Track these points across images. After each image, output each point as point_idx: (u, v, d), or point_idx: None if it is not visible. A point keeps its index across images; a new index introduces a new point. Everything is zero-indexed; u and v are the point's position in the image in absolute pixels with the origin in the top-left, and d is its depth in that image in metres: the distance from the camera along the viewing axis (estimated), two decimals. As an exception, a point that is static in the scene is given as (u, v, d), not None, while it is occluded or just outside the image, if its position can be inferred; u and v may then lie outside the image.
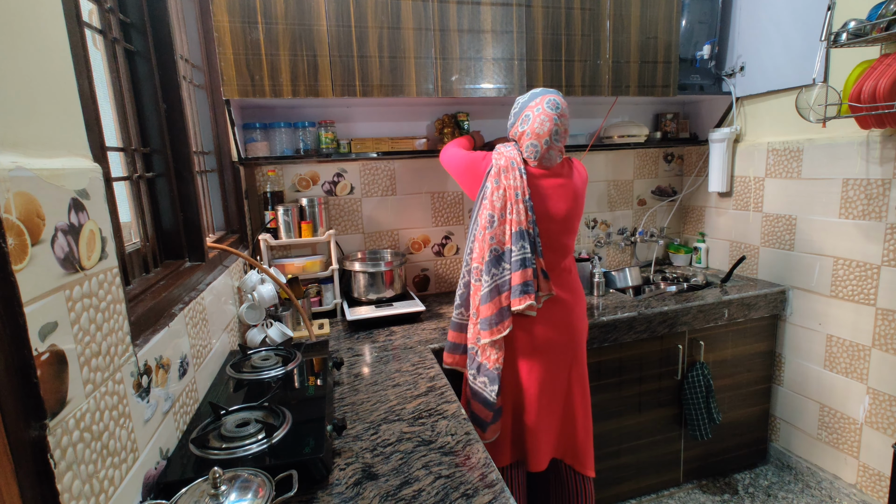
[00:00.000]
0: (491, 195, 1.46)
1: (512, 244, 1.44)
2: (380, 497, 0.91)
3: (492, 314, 1.45)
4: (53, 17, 0.70)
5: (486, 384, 1.49)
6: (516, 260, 1.43)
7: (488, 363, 1.48)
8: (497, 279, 1.45)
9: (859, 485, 1.95)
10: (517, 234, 1.43)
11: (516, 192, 1.44)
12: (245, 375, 1.28)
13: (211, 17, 1.64)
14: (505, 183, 1.45)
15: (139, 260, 1.10)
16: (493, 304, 1.45)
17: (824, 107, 1.74)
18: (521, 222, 1.43)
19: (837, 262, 1.94)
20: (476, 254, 1.50)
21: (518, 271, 1.43)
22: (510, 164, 1.46)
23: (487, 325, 1.45)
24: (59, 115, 0.69)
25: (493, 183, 1.47)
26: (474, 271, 1.50)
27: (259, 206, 2.03)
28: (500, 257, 1.46)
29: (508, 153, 1.50)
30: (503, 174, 1.46)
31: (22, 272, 0.55)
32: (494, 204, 1.45)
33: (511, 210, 1.44)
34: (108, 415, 0.72)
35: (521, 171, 1.46)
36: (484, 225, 1.47)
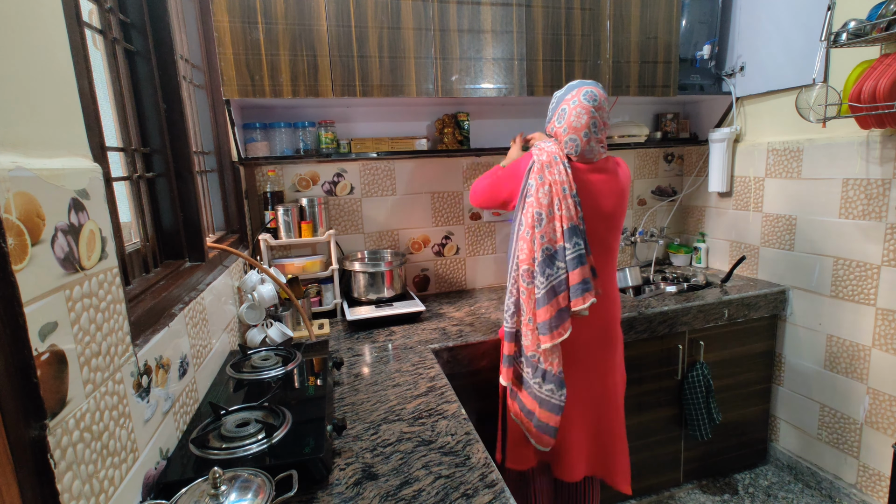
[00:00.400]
0: (536, 192, 1.37)
1: (565, 241, 1.36)
2: (380, 497, 0.91)
3: (550, 317, 1.36)
4: (53, 17, 0.70)
5: (553, 391, 1.40)
6: (572, 258, 1.35)
7: (552, 368, 1.40)
8: (552, 280, 1.36)
9: (859, 485, 1.95)
10: (569, 230, 1.35)
11: (563, 186, 1.36)
12: (245, 375, 1.28)
13: (211, 17, 1.64)
14: (550, 178, 1.37)
15: (139, 260, 1.10)
16: (551, 306, 1.36)
17: (824, 107, 1.74)
18: (571, 218, 1.35)
19: (837, 262, 1.94)
20: (525, 255, 1.40)
21: (576, 269, 1.35)
22: (553, 159, 1.39)
23: (548, 328, 1.36)
24: (59, 115, 0.69)
25: (536, 179, 1.38)
26: (524, 274, 1.39)
27: (259, 206, 2.03)
28: (553, 256, 1.37)
29: (549, 148, 1.42)
30: (546, 169, 1.38)
31: (22, 272, 0.55)
32: (541, 201, 1.36)
33: (559, 206, 1.36)
34: (108, 415, 0.72)
35: (564, 164, 1.38)
36: (531, 223, 1.38)
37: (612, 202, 1.45)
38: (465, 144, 2.19)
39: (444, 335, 1.76)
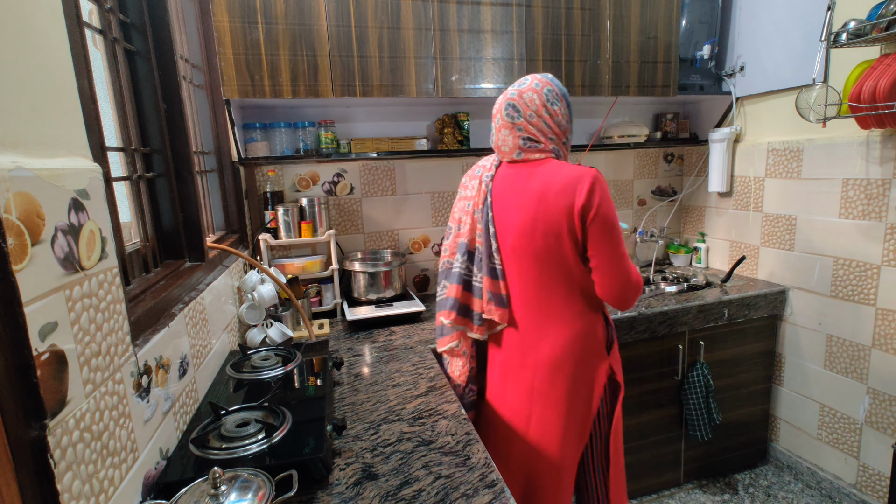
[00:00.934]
0: (455, 205, 1.42)
1: (456, 256, 1.36)
2: (380, 497, 0.91)
3: (437, 325, 1.43)
4: (53, 17, 0.70)
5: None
6: (454, 271, 1.35)
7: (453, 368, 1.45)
8: (442, 290, 1.41)
9: (859, 485, 1.95)
10: (461, 245, 1.35)
11: (468, 202, 1.35)
12: (245, 375, 1.28)
13: (211, 17, 1.64)
14: (466, 192, 1.37)
15: (139, 260, 1.10)
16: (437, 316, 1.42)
17: (824, 107, 1.74)
18: (464, 234, 1.34)
19: (837, 262, 1.94)
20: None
21: (451, 285, 1.35)
22: (474, 172, 1.37)
23: (439, 332, 1.43)
24: (59, 115, 0.69)
25: (461, 189, 1.41)
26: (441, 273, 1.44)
27: (259, 206, 2.03)
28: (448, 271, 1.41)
29: (487, 160, 1.38)
30: (468, 180, 1.39)
31: (22, 272, 0.55)
32: (454, 214, 1.41)
33: (466, 221, 1.34)
34: (108, 415, 0.72)
35: (486, 177, 1.30)
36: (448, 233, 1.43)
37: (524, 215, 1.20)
38: (465, 144, 2.19)
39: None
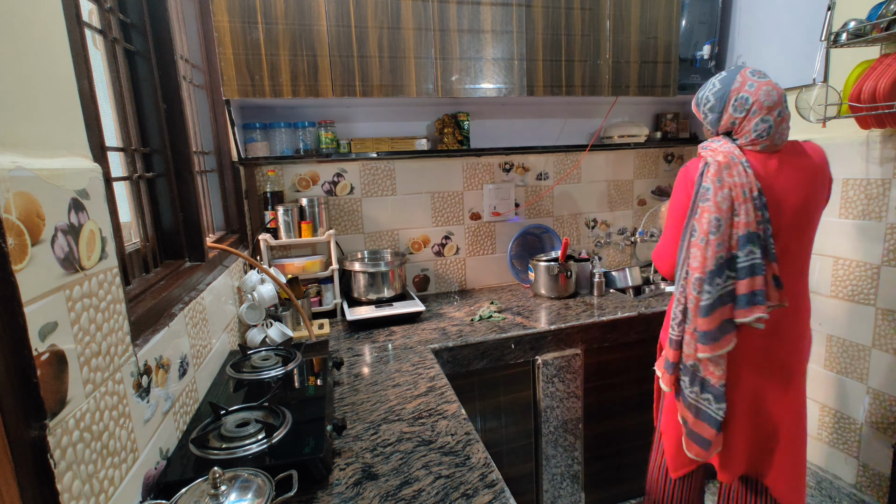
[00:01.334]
0: (714, 196, 1.26)
1: (738, 249, 1.26)
2: (380, 497, 0.91)
3: (713, 328, 1.28)
4: (53, 17, 0.70)
5: (710, 402, 1.32)
6: (743, 267, 1.25)
7: (712, 378, 1.31)
8: (721, 290, 1.27)
9: (859, 485, 1.95)
10: (744, 237, 1.25)
11: (744, 189, 1.25)
12: (245, 375, 1.28)
13: (211, 17, 1.64)
14: (729, 181, 1.26)
15: (139, 260, 1.10)
16: (715, 316, 1.28)
17: (824, 107, 1.74)
18: (749, 224, 1.25)
19: (837, 262, 1.94)
20: (698, 263, 1.29)
21: (745, 279, 1.25)
22: (730, 160, 1.27)
23: (707, 339, 1.28)
24: (59, 115, 0.69)
25: (714, 182, 1.26)
26: (696, 283, 1.29)
27: (259, 206, 2.03)
28: (723, 265, 1.27)
29: (724, 148, 1.30)
30: (725, 171, 1.26)
31: (22, 272, 0.55)
32: (720, 206, 1.25)
33: (738, 210, 1.25)
34: (108, 415, 0.72)
35: (744, 164, 1.27)
36: (707, 230, 1.26)
37: (803, 193, 1.31)
38: (465, 144, 2.19)
39: (444, 335, 1.76)
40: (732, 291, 1.28)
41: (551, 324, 1.83)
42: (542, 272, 2.17)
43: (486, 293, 2.33)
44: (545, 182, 2.46)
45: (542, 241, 2.50)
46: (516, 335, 1.75)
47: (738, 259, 1.26)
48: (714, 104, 1.35)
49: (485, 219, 2.39)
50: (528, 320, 1.88)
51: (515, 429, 1.82)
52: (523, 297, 2.21)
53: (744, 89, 1.29)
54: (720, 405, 1.31)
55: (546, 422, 1.83)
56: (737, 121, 1.32)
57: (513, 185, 2.40)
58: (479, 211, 2.38)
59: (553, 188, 2.47)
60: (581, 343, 1.85)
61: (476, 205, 2.37)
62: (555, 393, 1.82)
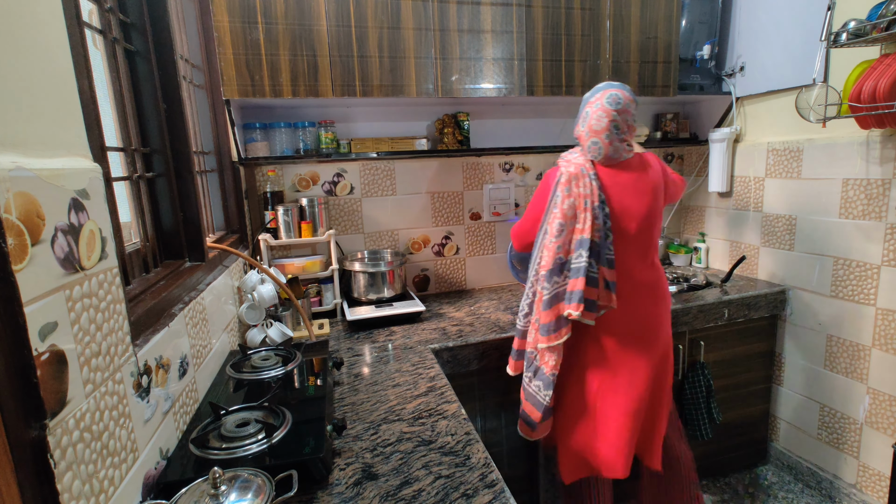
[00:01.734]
0: (562, 203, 1.43)
1: (575, 251, 1.43)
2: (380, 497, 0.91)
3: (550, 321, 1.44)
4: (53, 17, 0.70)
5: (539, 388, 1.48)
6: (574, 268, 1.42)
7: (546, 368, 1.47)
8: (557, 287, 1.44)
9: (859, 485, 1.95)
10: (578, 242, 1.42)
11: (585, 200, 1.42)
12: (245, 375, 1.28)
13: (211, 17, 1.64)
14: (576, 191, 1.43)
15: (139, 260, 1.10)
16: (553, 311, 1.44)
17: (824, 107, 1.74)
18: (584, 230, 1.41)
19: (837, 262, 1.94)
20: (545, 262, 1.46)
21: (575, 278, 1.41)
22: (580, 171, 1.44)
23: (546, 331, 1.45)
24: (59, 115, 0.69)
25: (563, 191, 1.44)
26: (542, 279, 1.46)
27: (259, 206, 2.03)
28: (563, 266, 1.44)
29: (576, 160, 1.47)
30: (573, 182, 1.43)
31: (22, 272, 0.55)
32: (566, 213, 1.43)
33: (578, 218, 1.42)
34: (108, 415, 0.72)
35: (591, 176, 1.43)
36: (553, 233, 1.44)
37: (646, 201, 1.48)
38: (465, 144, 2.19)
39: (444, 335, 1.76)
40: (565, 288, 1.44)
41: (551, 324, 1.82)
42: (542, 272, 2.17)
43: (486, 293, 2.33)
44: (545, 182, 2.46)
45: (542, 241, 2.50)
46: (516, 335, 1.75)
47: (572, 261, 1.43)
48: (580, 108, 1.51)
49: (485, 219, 2.39)
50: (528, 320, 1.88)
51: (515, 429, 1.82)
52: (523, 297, 2.21)
53: (591, 108, 1.45)
54: (548, 392, 1.47)
55: (546, 422, 1.83)
56: (580, 132, 1.49)
57: (513, 185, 2.40)
58: (479, 211, 2.38)
59: (553, 188, 2.47)
60: (581, 343, 1.85)
61: (476, 205, 2.37)
62: (555, 393, 1.82)
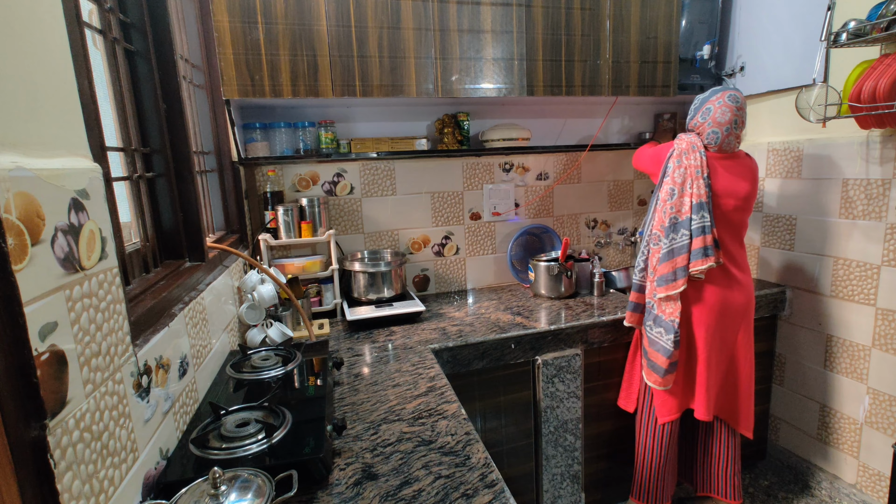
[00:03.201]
0: (672, 172, 1.68)
1: (692, 213, 1.65)
2: (380, 497, 0.91)
3: (667, 272, 1.67)
4: (53, 17, 0.70)
5: (661, 334, 1.70)
6: (697, 227, 1.64)
7: (664, 315, 1.69)
8: (674, 243, 1.67)
9: (859, 485, 1.95)
10: (697, 205, 1.64)
11: (696, 170, 1.65)
12: (245, 375, 1.28)
13: (211, 17, 1.64)
14: (686, 163, 1.67)
15: (139, 260, 1.10)
16: (669, 264, 1.67)
17: (824, 107, 1.74)
18: (700, 196, 1.64)
19: (837, 261, 1.94)
20: (656, 222, 1.72)
21: (699, 237, 1.63)
22: (691, 147, 1.68)
23: (664, 281, 1.67)
24: (59, 115, 0.69)
25: (674, 163, 1.69)
26: (654, 238, 1.72)
27: (259, 206, 2.03)
28: (677, 225, 1.67)
29: (688, 139, 1.71)
30: (684, 155, 1.68)
31: (22, 272, 0.55)
32: (675, 180, 1.67)
33: (692, 185, 1.65)
34: (108, 415, 0.72)
35: (701, 153, 1.67)
36: (664, 198, 1.69)
37: (746, 184, 1.71)
38: (465, 144, 2.19)
39: (444, 335, 1.76)
40: (685, 245, 1.66)
41: (551, 324, 1.83)
42: (542, 272, 2.17)
43: (487, 293, 2.33)
44: (545, 182, 2.46)
45: (542, 241, 2.50)
46: (516, 335, 1.75)
47: (694, 221, 1.65)
48: (695, 106, 1.75)
49: (485, 219, 2.39)
50: (528, 320, 1.88)
51: (515, 429, 1.82)
52: (523, 297, 2.21)
53: (714, 104, 1.69)
54: (670, 336, 1.68)
55: (546, 422, 1.83)
56: (698, 123, 1.72)
57: (513, 185, 2.41)
58: (479, 211, 2.38)
59: (553, 188, 2.48)
60: (581, 343, 1.85)
61: (476, 205, 2.37)
62: (555, 393, 1.82)
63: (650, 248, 1.75)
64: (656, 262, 1.71)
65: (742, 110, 1.67)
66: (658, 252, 1.70)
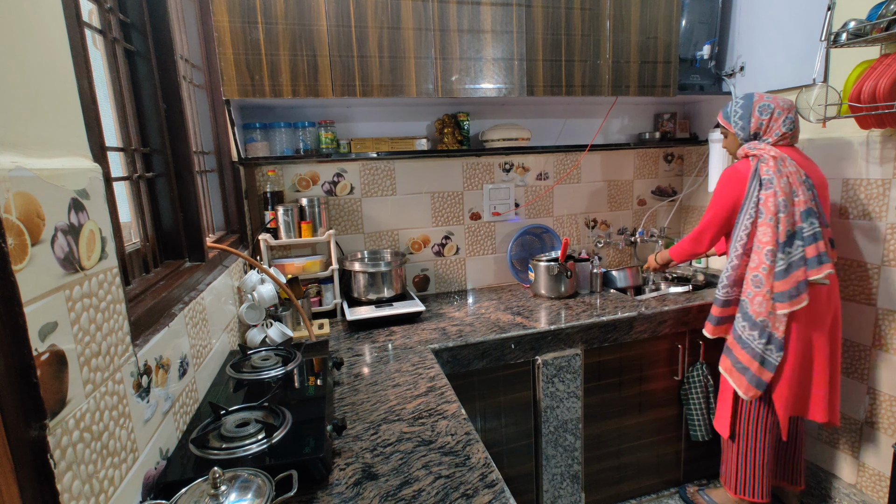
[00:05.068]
0: (778, 183, 1.60)
1: (802, 221, 1.61)
2: (380, 497, 0.91)
3: (790, 287, 1.60)
4: (53, 17, 0.70)
5: (772, 351, 1.65)
6: (808, 235, 1.60)
7: (778, 333, 1.64)
8: (791, 258, 1.61)
9: (859, 485, 1.95)
10: (805, 212, 1.60)
11: (797, 175, 1.61)
12: (245, 375, 1.28)
13: (211, 17, 1.64)
14: (786, 170, 1.61)
15: (139, 260, 1.10)
16: (791, 279, 1.60)
17: (824, 107, 1.74)
18: (807, 202, 1.60)
19: (837, 261, 1.94)
20: (769, 238, 1.62)
21: (811, 245, 1.59)
22: (779, 154, 1.63)
23: (787, 297, 1.60)
24: (59, 115, 0.69)
25: (776, 173, 1.61)
26: (768, 254, 1.62)
27: (259, 206, 2.03)
28: (792, 237, 1.62)
29: (763, 148, 1.67)
30: (780, 164, 1.62)
31: (22, 272, 0.55)
32: (784, 190, 1.60)
33: (797, 192, 1.61)
34: (108, 415, 0.72)
35: (788, 158, 1.63)
36: (774, 211, 1.61)
37: (819, 172, 1.71)
38: (465, 144, 2.19)
39: (444, 335, 1.76)
40: (802, 257, 1.61)
41: (551, 324, 1.83)
42: (542, 272, 2.17)
43: (487, 293, 2.33)
44: (545, 182, 2.46)
45: (542, 241, 2.50)
46: (516, 335, 1.75)
47: (804, 230, 1.61)
48: (742, 113, 1.73)
49: (485, 219, 2.39)
50: (528, 320, 1.88)
51: (515, 429, 1.82)
52: (523, 297, 2.21)
53: (763, 100, 1.69)
54: (779, 353, 1.65)
55: (546, 422, 1.83)
56: (763, 122, 1.69)
57: (513, 185, 2.40)
58: (479, 211, 2.38)
59: (553, 188, 2.48)
60: (581, 343, 1.85)
61: (476, 205, 2.37)
62: (555, 393, 1.82)
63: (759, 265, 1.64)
64: (774, 278, 1.62)
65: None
66: (775, 268, 1.62)
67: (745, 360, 1.70)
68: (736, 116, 1.74)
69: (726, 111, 1.78)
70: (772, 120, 1.67)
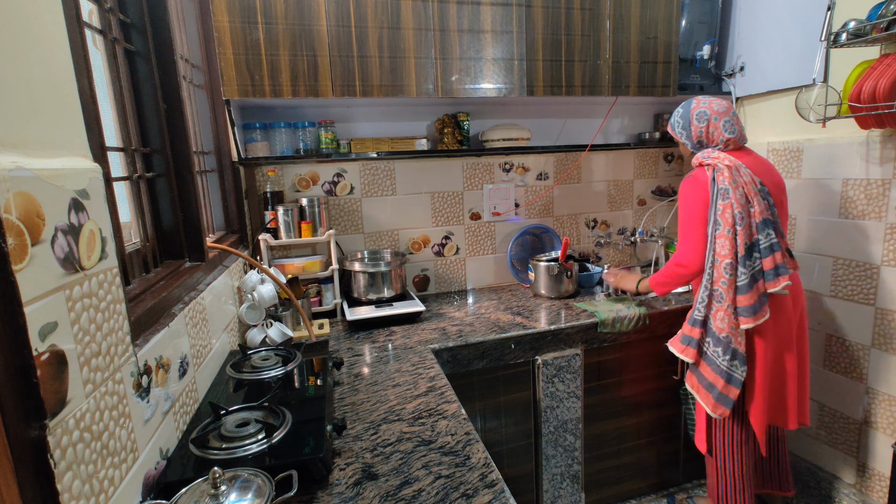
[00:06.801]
0: (733, 194, 1.53)
1: (758, 234, 1.55)
2: (380, 497, 0.91)
3: (753, 302, 1.54)
4: (53, 17, 0.70)
5: (737, 367, 1.59)
6: (765, 247, 1.54)
7: (741, 348, 1.58)
8: (752, 269, 1.55)
9: (859, 485, 1.95)
10: (761, 223, 1.54)
11: (752, 186, 1.55)
12: (245, 375, 1.28)
13: (211, 17, 1.64)
14: (741, 180, 1.54)
15: (139, 260, 1.10)
16: (753, 292, 1.54)
17: (824, 107, 1.74)
18: (763, 212, 1.54)
19: (837, 261, 1.94)
20: (727, 251, 1.54)
21: (768, 257, 1.54)
22: (733, 162, 1.56)
23: (751, 312, 1.54)
24: (59, 115, 0.69)
25: (731, 183, 1.53)
26: (727, 267, 1.54)
27: (259, 206, 2.03)
28: (751, 249, 1.55)
29: (715, 156, 1.59)
30: (735, 173, 1.55)
31: (22, 272, 0.55)
32: (740, 201, 1.53)
33: (753, 202, 1.55)
34: (108, 415, 0.72)
35: (742, 165, 1.56)
36: (732, 223, 1.54)
37: (776, 175, 1.65)
38: (465, 144, 2.19)
39: (444, 335, 1.76)
40: (760, 269, 1.55)
41: (551, 324, 1.83)
42: (542, 272, 2.17)
43: (487, 293, 2.33)
44: (545, 182, 2.46)
45: (542, 241, 2.50)
46: (516, 335, 1.75)
47: (760, 242, 1.54)
48: (683, 123, 1.67)
49: (485, 219, 2.39)
50: (528, 320, 1.88)
51: (515, 429, 1.82)
52: (523, 297, 2.21)
53: (699, 107, 1.63)
54: (744, 368, 1.58)
55: (546, 422, 1.83)
56: (703, 130, 1.63)
57: (513, 185, 2.41)
58: (479, 211, 2.38)
59: (553, 188, 2.48)
60: (581, 343, 1.85)
61: (476, 205, 2.37)
62: (555, 393, 1.82)
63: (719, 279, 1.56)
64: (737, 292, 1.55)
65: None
66: (736, 282, 1.54)
67: (710, 378, 1.62)
68: (678, 127, 1.69)
69: (672, 120, 1.72)
70: (710, 126, 1.61)
